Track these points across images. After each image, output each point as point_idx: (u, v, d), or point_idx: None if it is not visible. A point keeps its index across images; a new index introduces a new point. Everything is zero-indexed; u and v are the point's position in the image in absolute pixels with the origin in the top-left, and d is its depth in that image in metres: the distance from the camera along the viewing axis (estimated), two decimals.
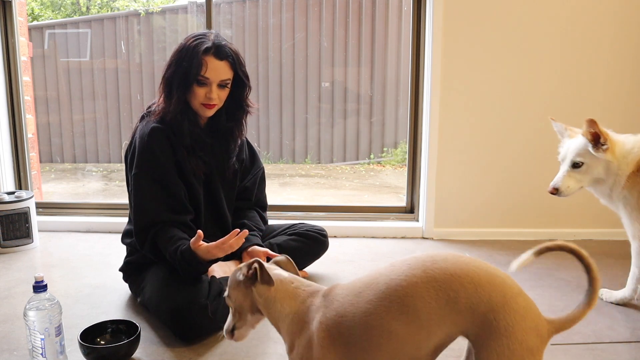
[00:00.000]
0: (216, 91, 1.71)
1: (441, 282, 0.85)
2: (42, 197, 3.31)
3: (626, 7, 2.52)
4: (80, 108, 5.24)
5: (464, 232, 2.71)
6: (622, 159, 1.74)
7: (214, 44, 1.69)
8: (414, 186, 2.86)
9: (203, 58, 1.67)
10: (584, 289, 0.94)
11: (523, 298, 0.84)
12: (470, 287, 0.84)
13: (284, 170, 5.32)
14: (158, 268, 1.71)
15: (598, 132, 1.72)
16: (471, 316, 0.84)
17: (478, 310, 0.83)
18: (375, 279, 0.92)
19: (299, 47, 5.15)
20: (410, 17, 2.72)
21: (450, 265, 0.86)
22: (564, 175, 1.81)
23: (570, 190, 1.81)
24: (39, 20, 5.72)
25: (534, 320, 0.82)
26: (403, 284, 0.87)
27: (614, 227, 2.59)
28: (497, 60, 2.56)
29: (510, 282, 0.87)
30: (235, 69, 1.74)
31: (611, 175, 1.76)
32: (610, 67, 2.57)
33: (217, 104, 1.75)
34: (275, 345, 1.57)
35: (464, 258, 0.89)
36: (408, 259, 0.92)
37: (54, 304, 1.36)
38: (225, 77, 1.72)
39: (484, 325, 0.83)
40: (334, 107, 5.30)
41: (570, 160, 1.80)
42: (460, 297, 0.84)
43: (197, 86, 1.69)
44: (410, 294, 0.86)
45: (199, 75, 1.67)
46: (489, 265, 0.89)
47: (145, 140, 1.70)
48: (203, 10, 2.82)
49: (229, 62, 1.72)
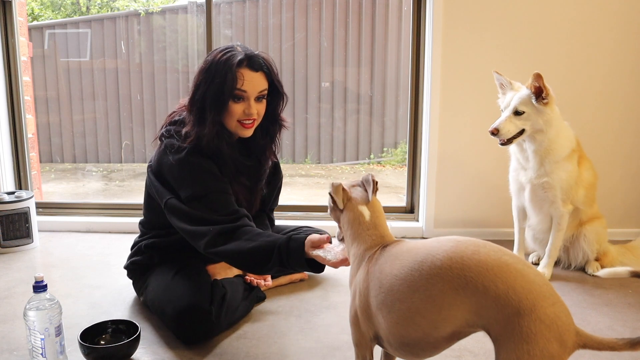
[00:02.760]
0: (255, 105, 1.61)
1: (475, 273, 0.85)
2: (42, 197, 3.31)
3: (626, 7, 2.52)
4: (80, 108, 5.24)
5: (464, 232, 2.71)
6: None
7: (246, 55, 1.59)
8: (414, 186, 2.86)
9: (238, 71, 1.55)
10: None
11: (554, 309, 0.83)
12: (503, 287, 0.84)
13: (284, 170, 5.29)
14: (163, 270, 1.71)
15: (542, 86, 1.92)
16: (496, 314, 0.84)
17: (505, 311, 0.83)
18: (419, 249, 0.95)
19: (299, 47, 5.15)
20: (410, 17, 2.72)
21: (491, 262, 0.86)
22: (506, 120, 2.00)
23: (510, 134, 1.99)
24: (39, 20, 5.72)
25: (560, 330, 0.82)
26: (437, 263, 0.89)
27: (614, 227, 2.59)
28: (497, 60, 2.56)
29: (547, 290, 0.85)
30: (270, 79, 1.64)
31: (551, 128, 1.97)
32: (611, 67, 2.57)
33: (256, 120, 1.64)
34: (275, 345, 1.57)
35: (507, 257, 0.88)
36: (454, 241, 0.92)
37: (54, 304, 1.36)
38: (262, 89, 1.61)
39: (508, 327, 0.83)
40: (334, 107, 5.29)
41: (514, 107, 1.99)
42: (490, 293, 0.84)
43: (234, 102, 1.58)
44: (439, 275, 0.87)
45: (235, 89, 1.55)
46: (532, 270, 0.88)
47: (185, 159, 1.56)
48: (203, 10, 2.82)
49: (264, 73, 1.62)
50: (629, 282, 2.12)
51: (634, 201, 2.69)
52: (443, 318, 0.88)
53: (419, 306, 0.89)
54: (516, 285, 0.84)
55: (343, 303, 1.89)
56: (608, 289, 2.04)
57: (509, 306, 0.83)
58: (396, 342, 0.96)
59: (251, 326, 1.68)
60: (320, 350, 1.53)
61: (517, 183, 2.18)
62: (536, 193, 2.09)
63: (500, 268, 0.85)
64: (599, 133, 2.61)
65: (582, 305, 1.89)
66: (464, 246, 0.90)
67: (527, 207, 2.18)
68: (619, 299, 1.94)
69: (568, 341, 0.83)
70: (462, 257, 0.87)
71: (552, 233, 2.12)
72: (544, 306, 0.82)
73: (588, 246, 2.15)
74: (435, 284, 0.88)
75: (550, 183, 2.04)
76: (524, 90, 1.99)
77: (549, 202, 2.08)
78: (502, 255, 0.88)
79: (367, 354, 1.07)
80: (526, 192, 2.13)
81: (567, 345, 0.83)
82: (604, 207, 2.34)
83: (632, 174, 2.67)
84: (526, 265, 0.88)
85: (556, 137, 2.01)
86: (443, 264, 0.88)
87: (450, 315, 0.87)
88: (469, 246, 0.90)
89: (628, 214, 2.70)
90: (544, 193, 2.07)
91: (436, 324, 0.89)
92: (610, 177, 2.63)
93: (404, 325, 0.92)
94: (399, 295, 0.92)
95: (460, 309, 0.86)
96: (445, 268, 0.87)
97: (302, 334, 1.64)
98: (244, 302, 1.74)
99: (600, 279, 2.14)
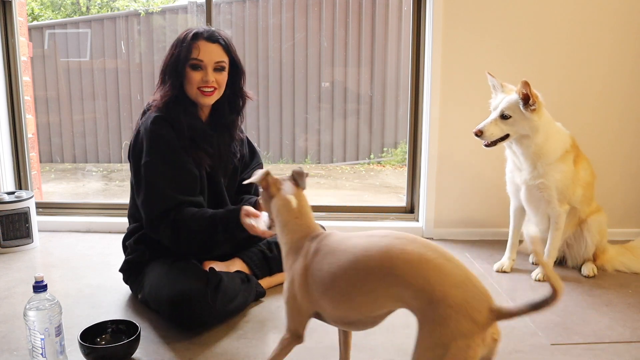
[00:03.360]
0: (212, 74, 1.72)
1: (401, 270, 0.99)
2: (42, 197, 3.31)
3: (626, 7, 2.52)
4: (80, 108, 5.24)
5: (464, 232, 2.71)
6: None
7: (205, 29, 1.73)
8: (414, 186, 2.86)
9: (194, 43, 1.70)
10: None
11: (464, 295, 0.95)
12: (421, 281, 0.97)
13: (284, 170, 5.30)
14: (158, 264, 1.73)
15: (529, 93, 1.92)
16: (416, 303, 0.98)
17: (422, 300, 0.97)
18: (355, 247, 1.07)
19: (299, 47, 5.15)
20: (410, 17, 2.72)
21: (415, 257, 1.00)
22: (491, 123, 2.01)
23: (493, 137, 2.00)
24: (39, 20, 5.71)
25: (469, 312, 0.94)
26: (371, 263, 1.03)
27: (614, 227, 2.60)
28: (497, 60, 2.56)
29: (460, 280, 0.97)
30: (229, 53, 1.76)
31: (539, 134, 1.98)
32: (611, 67, 2.57)
33: (216, 88, 1.74)
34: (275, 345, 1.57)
35: (430, 253, 1.00)
36: (383, 239, 1.05)
37: (54, 304, 1.36)
38: (219, 59, 1.73)
39: (425, 313, 0.97)
40: (334, 107, 5.29)
41: (501, 110, 1.99)
42: (412, 287, 0.98)
43: (192, 70, 1.70)
44: (373, 273, 1.02)
45: (191, 58, 1.69)
46: (452, 264, 1.00)
47: (150, 128, 1.69)
48: (203, 10, 2.82)
49: (222, 45, 1.74)
50: (629, 282, 2.12)
51: (634, 201, 2.69)
52: (378, 306, 1.05)
53: (357, 297, 1.05)
54: (431, 278, 0.97)
55: None
56: (608, 289, 2.04)
57: (425, 296, 0.96)
58: (338, 321, 1.13)
59: (251, 326, 1.68)
60: (320, 350, 1.53)
61: (514, 184, 2.18)
62: (532, 193, 2.10)
63: (420, 264, 0.99)
64: (598, 133, 2.62)
65: (582, 305, 1.89)
66: (394, 245, 1.03)
67: (525, 207, 2.18)
68: (619, 299, 1.94)
69: (480, 319, 0.95)
70: (391, 256, 1.01)
71: (550, 233, 2.12)
72: (454, 295, 0.95)
73: (591, 237, 2.15)
74: (370, 279, 1.02)
75: (545, 184, 2.04)
76: (513, 95, 1.99)
77: (545, 202, 2.08)
78: (425, 252, 1.01)
79: (300, 330, 1.18)
80: (522, 193, 2.14)
81: (480, 322, 0.95)
82: (604, 207, 2.33)
83: (632, 173, 2.67)
84: (446, 259, 1.00)
85: (545, 141, 2.00)
86: (376, 263, 1.02)
87: (383, 303, 1.04)
88: (398, 245, 1.03)
89: (628, 214, 2.70)
90: (540, 193, 2.07)
91: (372, 309, 1.06)
92: (610, 177, 2.63)
93: (345, 310, 1.08)
94: (340, 289, 1.06)
95: (390, 299, 1.02)
96: (378, 267, 1.02)
97: None
98: (242, 293, 1.74)
99: (600, 279, 2.14)
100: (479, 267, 2.28)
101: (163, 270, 1.68)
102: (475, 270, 2.25)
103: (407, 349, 1.52)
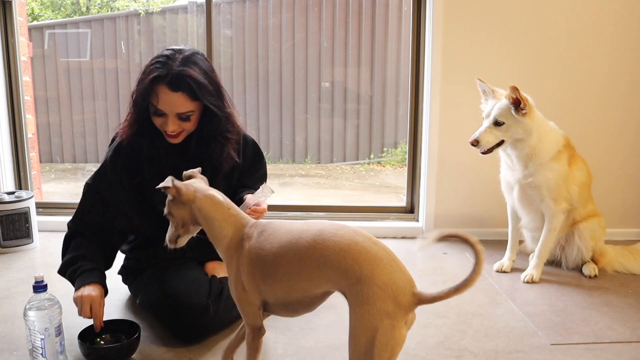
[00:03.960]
0: (175, 123, 1.51)
1: (331, 252, 1.06)
2: (42, 197, 3.31)
3: (625, 7, 2.52)
4: (80, 108, 5.24)
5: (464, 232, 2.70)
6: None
7: (170, 71, 1.46)
8: (414, 186, 2.86)
9: (153, 88, 1.47)
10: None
11: (391, 276, 1.02)
12: (350, 262, 1.04)
13: (284, 170, 5.32)
14: (155, 269, 1.70)
15: (519, 98, 1.93)
16: (345, 282, 1.04)
17: (351, 280, 1.03)
18: (292, 231, 1.14)
19: (299, 47, 5.15)
20: (410, 17, 2.72)
21: (344, 241, 1.06)
22: (485, 131, 2.02)
23: (489, 144, 2.02)
24: (39, 20, 5.72)
25: (394, 293, 1.00)
26: (305, 244, 1.09)
27: (614, 227, 2.60)
28: (497, 60, 2.56)
29: (387, 262, 1.04)
30: (199, 98, 1.50)
31: (532, 136, 1.99)
32: (610, 66, 2.57)
33: (181, 132, 1.56)
34: (275, 345, 1.57)
35: (358, 237, 1.07)
36: (317, 228, 1.11)
37: (54, 304, 1.36)
38: (182, 111, 1.49)
39: (354, 292, 1.02)
40: (334, 107, 5.29)
41: (493, 118, 2.01)
42: (340, 267, 1.04)
43: (154, 115, 1.52)
44: (307, 253, 1.08)
45: (151, 105, 1.50)
46: (378, 247, 1.07)
47: (106, 158, 1.65)
48: (203, 10, 2.82)
49: (187, 94, 1.47)
50: (629, 282, 2.12)
51: (633, 201, 2.69)
52: (314, 285, 1.10)
53: (295, 276, 1.10)
54: (359, 259, 1.03)
55: (343, 303, 1.88)
56: (608, 289, 2.04)
57: (353, 276, 1.03)
58: (280, 303, 1.17)
59: None
60: (320, 350, 1.53)
61: (507, 183, 2.18)
62: (525, 192, 2.10)
63: (349, 246, 1.05)
64: (597, 133, 2.62)
65: (582, 305, 1.89)
66: (326, 230, 1.10)
67: (517, 207, 2.18)
68: (619, 299, 1.94)
69: (403, 301, 1.01)
70: (323, 239, 1.08)
71: (543, 233, 2.12)
72: (381, 274, 1.01)
73: (583, 243, 2.14)
74: (305, 260, 1.08)
75: (536, 183, 2.04)
76: (504, 101, 1.99)
77: (538, 200, 2.08)
78: (354, 236, 1.08)
79: (258, 322, 1.21)
80: (515, 192, 2.14)
81: (403, 304, 1.01)
82: (604, 207, 2.34)
83: (631, 173, 2.67)
84: (374, 243, 1.07)
85: (538, 143, 2.01)
86: (310, 245, 1.09)
87: (319, 283, 1.09)
88: (330, 230, 1.10)
89: (628, 214, 2.70)
90: (532, 191, 2.07)
91: (310, 288, 1.12)
92: (609, 177, 2.63)
93: (286, 290, 1.13)
94: (280, 269, 1.11)
95: (324, 279, 1.08)
96: (311, 248, 1.08)
97: (302, 334, 1.64)
98: None
99: (600, 279, 2.14)
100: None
101: (162, 278, 1.63)
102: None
103: (407, 349, 1.53)
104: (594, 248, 2.18)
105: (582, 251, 2.16)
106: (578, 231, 2.15)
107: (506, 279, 2.16)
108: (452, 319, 1.76)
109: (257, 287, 1.15)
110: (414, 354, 1.51)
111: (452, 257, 2.43)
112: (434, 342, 1.59)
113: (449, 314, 1.80)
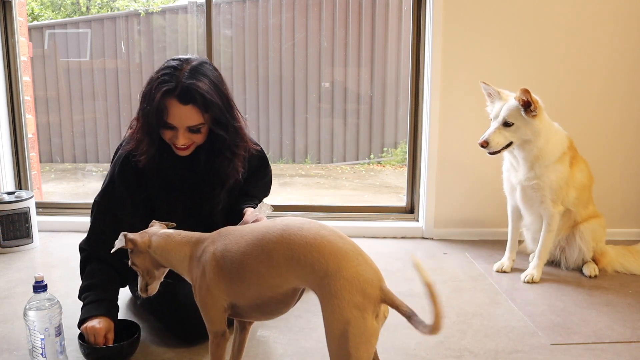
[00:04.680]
0: (185, 136, 1.49)
1: (298, 246, 1.07)
2: (42, 197, 3.31)
3: (626, 7, 2.52)
4: (80, 108, 5.24)
5: (464, 232, 2.71)
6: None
7: (179, 83, 1.43)
8: (414, 186, 2.86)
9: (164, 101, 1.44)
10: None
11: (358, 269, 1.02)
12: (316, 255, 1.04)
13: (284, 170, 5.32)
14: None
15: (530, 100, 1.93)
16: (312, 277, 1.05)
17: (318, 274, 1.04)
18: (257, 229, 1.15)
19: (299, 47, 5.15)
20: (410, 17, 2.72)
21: (310, 235, 1.07)
22: (494, 132, 2.01)
23: (499, 146, 2.01)
24: (39, 20, 5.72)
25: (362, 286, 1.01)
26: (273, 239, 1.10)
27: (614, 227, 2.59)
28: (497, 60, 2.56)
29: (354, 256, 1.04)
30: (209, 110, 1.47)
31: (540, 137, 1.98)
32: (610, 67, 2.57)
33: (191, 145, 1.55)
34: (275, 345, 1.57)
35: (324, 231, 1.08)
36: (283, 223, 1.13)
37: (54, 304, 1.36)
38: (192, 124, 1.47)
39: (322, 287, 1.03)
40: (334, 107, 5.29)
41: (503, 119, 1.99)
42: (307, 261, 1.05)
43: (164, 129, 1.50)
44: (275, 248, 1.09)
45: (162, 119, 1.47)
46: (345, 241, 1.07)
47: (114, 171, 1.61)
48: (203, 10, 2.82)
49: (197, 107, 1.45)
50: (629, 282, 2.12)
51: (634, 201, 2.69)
52: (283, 280, 1.10)
53: (264, 273, 1.10)
54: (325, 253, 1.04)
55: None
56: (608, 289, 2.04)
57: (320, 270, 1.03)
58: (251, 304, 1.16)
59: (251, 326, 1.68)
60: (320, 350, 1.53)
61: (509, 183, 2.18)
62: (527, 193, 2.10)
63: (315, 240, 1.06)
64: (598, 133, 2.62)
65: (582, 305, 1.89)
66: (292, 225, 1.11)
67: (520, 207, 2.18)
68: (619, 299, 1.94)
69: (371, 294, 1.01)
70: (290, 234, 1.09)
71: (542, 234, 2.12)
72: (348, 267, 1.02)
73: (584, 244, 2.15)
74: (273, 255, 1.09)
75: (539, 184, 2.04)
76: (513, 102, 1.99)
77: (538, 202, 2.08)
78: (320, 230, 1.09)
79: (222, 326, 1.21)
80: (517, 193, 2.14)
81: (372, 297, 1.01)
82: (604, 207, 2.34)
83: (632, 173, 2.67)
84: (339, 237, 1.08)
85: (545, 144, 2.01)
86: (277, 240, 1.09)
87: (287, 278, 1.09)
88: (296, 225, 1.11)
89: (628, 214, 2.70)
90: (534, 193, 2.07)
91: (279, 284, 1.11)
92: (610, 177, 2.63)
93: (256, 288, 1.12)
94: (248, 267, 1.12)
95: (292, 274, 1.08)
96: (278, 243, 1.09)
97: (302, 334, 1.64)
98: None
99: (600, 280, 2.14)
100: (479, 267, 2.28)
101: (164, 281, 1.63)
102: (475, 270, 2.25)
103: (407, 349, 1.53)
104: (594, 248, 2.18)
105: (584, 252, 2.16)
106: (579, 232, 2.16)
107: (506, 279, 2.16)
108: (452, 319, 1.76)
109: (225, 290, 1.15)
110: (414, 354, 1.51)
111: (452, 257, 2.43)
112: (434, 342, 1.58)
113: (449, 314, 1.80)
